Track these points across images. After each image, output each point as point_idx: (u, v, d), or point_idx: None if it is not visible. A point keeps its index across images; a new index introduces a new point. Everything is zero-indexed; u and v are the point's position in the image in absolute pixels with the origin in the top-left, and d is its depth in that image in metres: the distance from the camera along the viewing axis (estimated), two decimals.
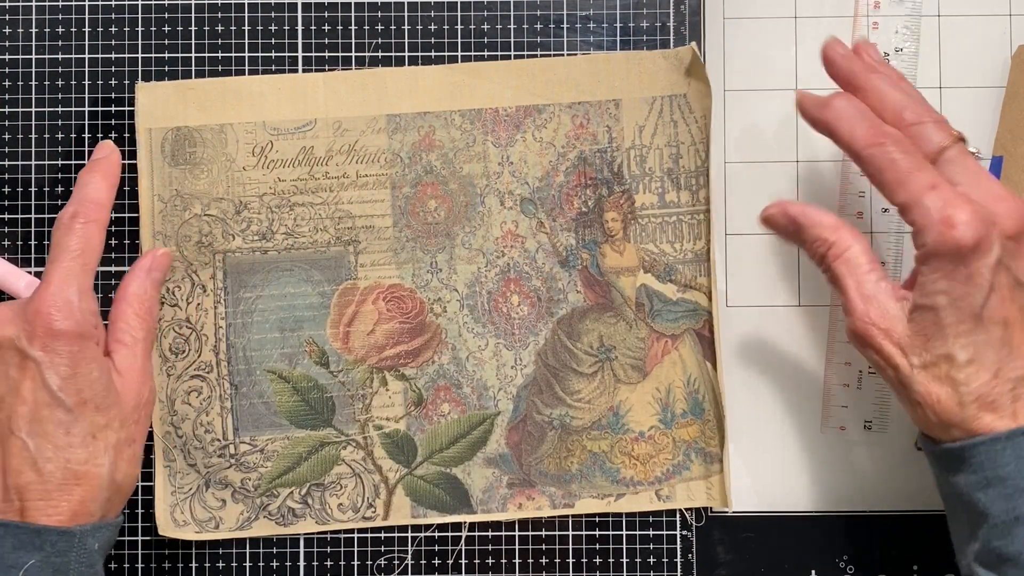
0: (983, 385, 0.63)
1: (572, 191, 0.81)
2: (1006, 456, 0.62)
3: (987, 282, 0.62)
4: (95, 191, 0.71)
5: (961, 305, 0.63)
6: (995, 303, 0.63)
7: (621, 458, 0.81)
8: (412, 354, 0.81)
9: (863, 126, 0.68)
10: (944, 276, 0.63)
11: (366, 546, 0.82)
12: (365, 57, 0.82)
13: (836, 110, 0.69)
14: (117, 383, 0.69)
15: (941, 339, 0.63)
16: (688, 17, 0.82)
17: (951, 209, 0.63)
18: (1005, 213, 0.64)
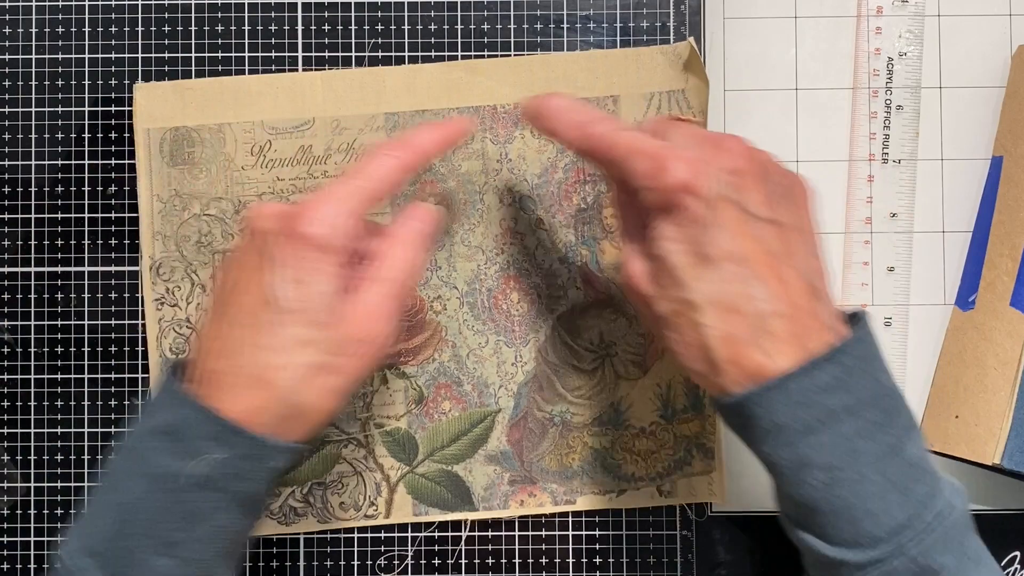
0: (727, 324, 0.60)
1: (571, 187, 0.81)
2: (776, 404, 0.60)
3: (708, 218, 0.60)
4: (419, 135, 0.69)
5: (687, 247, 0.61)
6: (722, 240, 0.60)
7: (622, 454, 0.81)
8: (412, 352, 0.81)
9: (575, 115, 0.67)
10: (668, 222, 0.61)
11: (366, 545, 0.81)
12: (365, 57, 0.82)
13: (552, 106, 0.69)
14: (347, 311, 0.64)
15: (677, 285, 0.61)
16: (688, 17, 0.82)
17: (660, 157, 0.61)
18: (724, 151, 0.62)
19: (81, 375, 0.81)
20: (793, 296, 0.61)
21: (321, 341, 0.63)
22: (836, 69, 0.82)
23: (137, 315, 0.81)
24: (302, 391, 0.63)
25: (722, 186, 0.61)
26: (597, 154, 0.65)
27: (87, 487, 0.81)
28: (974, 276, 0.80)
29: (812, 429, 0.59)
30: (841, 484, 0.60)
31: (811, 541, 0.62)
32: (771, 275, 0.60)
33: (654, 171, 0.61)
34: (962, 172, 0.82)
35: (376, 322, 0.65)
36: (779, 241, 0.62)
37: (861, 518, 0.60)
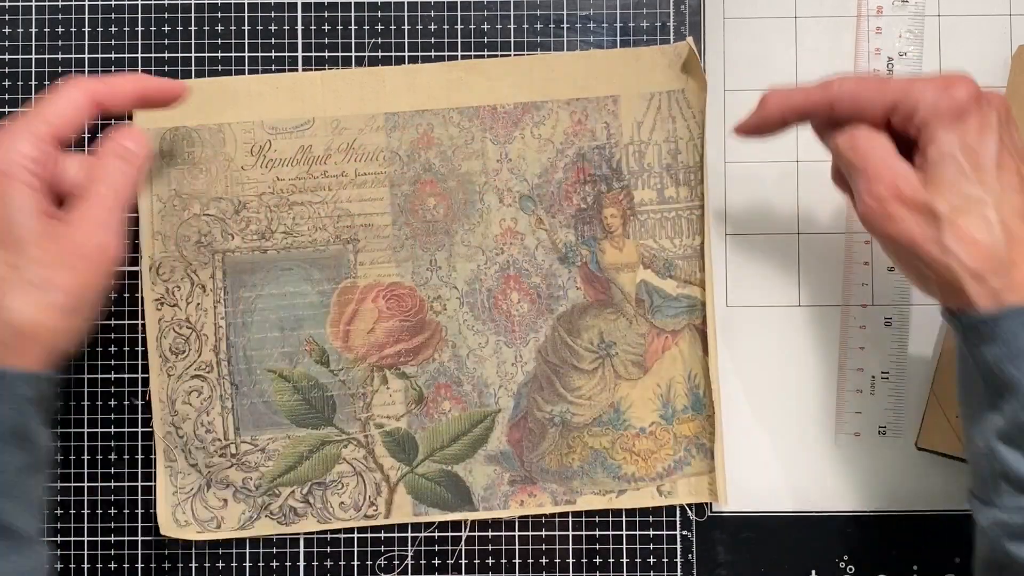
0: (1017, 228, 0.63)
1: (571, 188, 0.81)
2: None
3: (996, 132, 0.64)
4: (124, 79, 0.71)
5: (979, 151, 0.64)
6: (1007, 154, 0.64)
7: (622, 454, 0.81)
8: (412, 352, 0.81)
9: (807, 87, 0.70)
10: (957, 130, 0.64)
11: (366, 546, 0.81)
12: (365, 57, 0.82)
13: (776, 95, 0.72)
14: (56, 229, 0.65)
15: (967, 182, 0.63)
16: (688, 17, 0.82)
17: (945, 78, 0.65)
18: (991, 94, 0.66)
19: (81, 375, 0.81)
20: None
21: (24, 262, 0.64)
22: (836, 69, 0.82)
23: (137, 315, 0.81)
24: (15, 312, 0.63)
25: (998, 117, 0.65)
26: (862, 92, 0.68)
27: (87, 487, 0.81)
28: None
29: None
30: None
31: None
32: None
33: (944, 86, 0.65)
34: None
35: (89, 234, 0.66)
36: None
37: None
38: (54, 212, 0.66)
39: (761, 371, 0.82)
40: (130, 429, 0.81)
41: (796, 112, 0.71)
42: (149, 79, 0.72)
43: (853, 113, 0.68)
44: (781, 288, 0.82)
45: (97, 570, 0.81)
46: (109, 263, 0.67)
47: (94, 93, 0.69)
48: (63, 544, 0.81)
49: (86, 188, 0.67)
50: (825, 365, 0.82)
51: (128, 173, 0.69)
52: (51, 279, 0.64)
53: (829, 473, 0.82)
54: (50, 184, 0.67)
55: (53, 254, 0.64)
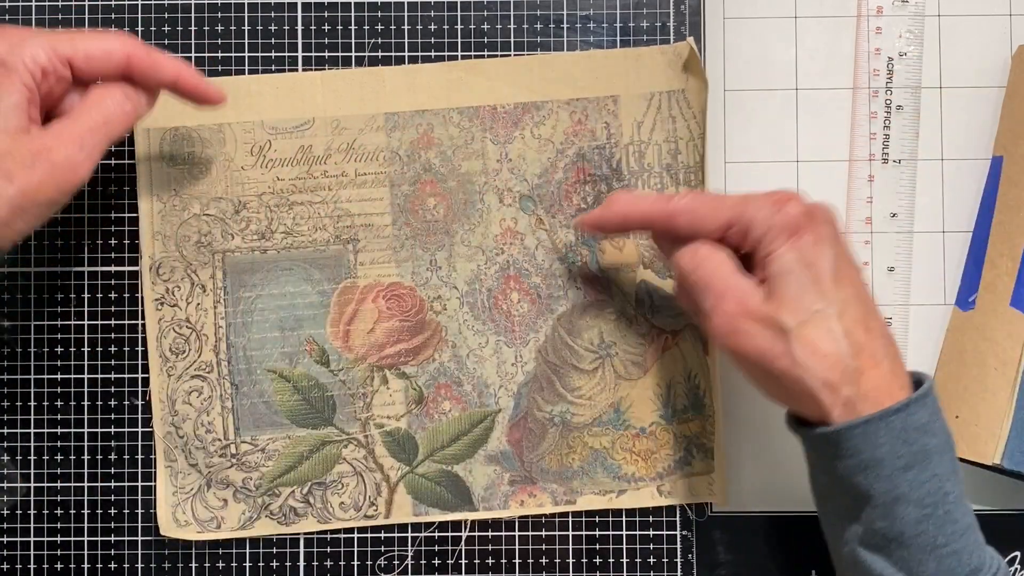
0: (860, 337, 0.64)
1: (571, 188, 0.81)
2: (880, 437, 0.63)
3: (830, 244, 0.66)
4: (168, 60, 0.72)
5: (816, 265, 0.65)
6: (845, 266, 0.66)
7: (622, 454, 0.81)
8: (412, 352, 0.81)
9: (652, 197, 0.73)
10: (792, 246, 0.66)
11: (366, 546, 0.81)
12: (365, 57, 0.82)
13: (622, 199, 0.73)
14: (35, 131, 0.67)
15: (809, 296, 0.65)
16: (688, 17, 0.82)
17: (775, 195, 0.67)
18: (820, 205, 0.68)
19: (81, 375, 0.81)
20: (893, 336, 0.67)
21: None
22: (836, 69, 0.82)
23: (137, 315, 0.81)
24: None
25: (832, 228, 0.67)
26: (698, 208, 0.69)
27: (87, 487, 0.81)
28: (974, 276, 0.80)
29: (910, 466, 0.63)
30: (932, 521, 0.63)
31: (888, 572, 0.65)
32: (877, 311, 0.67)
33: (776, 204, 0.67)
34: (962, 172, 0.82)
35: (61, 144, 0.67)
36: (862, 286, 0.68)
37: (947, 556, 0.63)
38: (38, 120, 0.69)
39: None
40: (130, 429, 0.81)
41: (638, 220, 0.72)
42: (190, 70, 0.73)
43: (691, 228, 0.70)
44: None
45: (97, 570, 0.81)
46: (73, 178, 0.68)
47: (132, 53, 0.70)
48: (63, 544, 0.81)
49: (80, 107, 0.69)
50: None
51: (127, 110, 0.70)
52: (10, 171, 0.65)
53: None
54: (48, 100, 0.69)
55: (21, 150, 0.66)
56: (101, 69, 0.69)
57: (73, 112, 0.69)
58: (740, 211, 0.67)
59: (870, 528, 0.65)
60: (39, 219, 0.68)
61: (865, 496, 0.64)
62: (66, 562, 0.81)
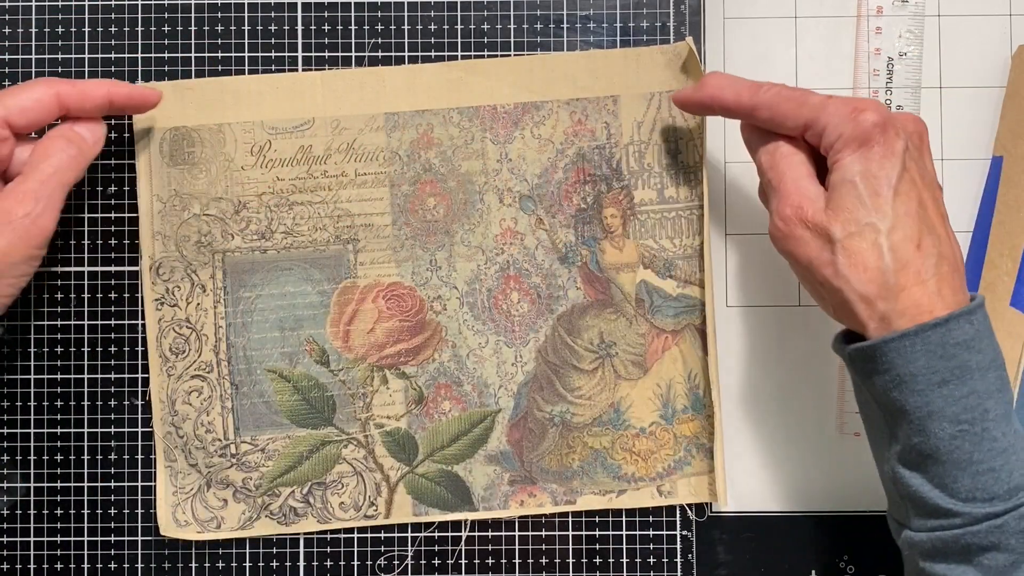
0: (908, 254, 0.64)
1: (571, 188, 0.81)
2: (915, 352, 0.63)
3: (899, 159, 0.65)
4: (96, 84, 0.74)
5: (879, 177, 0.65)
6: (908, 181, 0.65)
7: (622, 454, 0.81)
8: (412, 352, 0.81)
9: (743, 83, 0.72)
10: (860, 156, 0.66)
11: (366, 546, 0.81)
12: (365, 57, 0.82)
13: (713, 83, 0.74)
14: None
15: (862, 208, 0.65)
16: (688, 17, 0.82)
17: (857, 102, 0.67)
18: (905, 118, 0.68)
19: (81, 375, 0.81)
20: (957, 252, 0.67)
21: None
22: (836, 69, 0.82)
23: (137, 315, 0.81)
24: None
25: (907, 142, 0.66)
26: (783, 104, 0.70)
27: (87, 487, 0.81)
28: (974, 276, 0.80)
29: (947, 381, 0.63)
30: (967, 438, 0.63)
31: (926, 490, 0.65)
32: (943, 226, 0.67)
33: (853, 110, 0.66)
34: (962, 172, 0.82)
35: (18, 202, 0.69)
36: (942, 206, 0.68)
37: (983, 473, 0.63)
38: None
39: (761, 371, 0.82)
40: (130, 429, 0.81)
41: (723, 107, 0.73)
42: (120, 85, 0.75)
43: (771, 124, 0.71)
44: (781, 288, 0.82)
45: (97, 570, 0.81)
46: (39, 232, 0.70)
47: (60, 94, 0.72)
48: (63, 544, 0.81)
49: (29, 164, 0.71)
50: (825, 365, 0.82)
51: (72, 155, 0.72)
52: None
53: (829, 473, 0.82)
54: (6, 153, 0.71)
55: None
56: (38, 118, 0.72)
57: (24, 170, 0.71)
58: (818, 114, 0.67)
59: (907, 444, 0.65)
60: (22, 277, 0.71)
61: (901, 412, 0.64)
62: (66, 562, 0.81)
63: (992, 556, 0.63)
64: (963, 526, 0.63)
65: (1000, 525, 0.62)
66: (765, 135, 0.72)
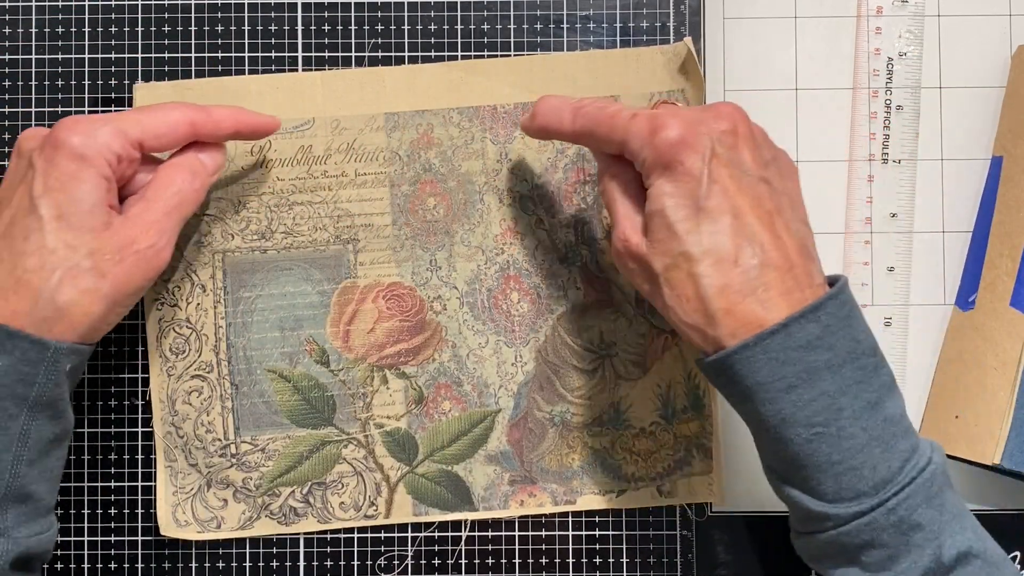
0: (724, 275, 0.63)
1: (571, 188, 0.81)
2: (758, 362, 0.62)
3: (703, 174, 0.63)
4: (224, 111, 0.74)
5: (684, 202, 0.63)
6: (717, 195, 0.63)
7: (622, 454, 0.81)
8: (412, 352, 0.81)
9: (567, 107, 0.71)
10: (665, 179, 0.64)
11: (366, 546, 0.81)
12: (365, 57, 0.82)
13: (542, 108, 0.73)
14: (114, 221, 0.68)
15: (674, 239, 0.63)
16: (688, 17, 0.82)
17: (655, 120, 0.65)
18: (714, 114, 0.66)
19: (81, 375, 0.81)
20: (787, 251, 0.63)
21: (81, 245, 0.66)
22: (836, 69, 0.82)
23: (137, 315, 0.81)
24: (62, 292, 0.66)
25: (716, 144, 0.64)
26: (596, 129, 0.68)
27: (87, 487, 0.81)
28: (974, 276, 0.80)
29: (793, 386, 0.62)
30: (824, 440, 0.62)
31: (796, 495, 0.65)
32: (766, 229, 0.63)
33: (652, 130, 0.64)
34: (962, 172, 0.82)
35: (145, 234, 0.69)
36: (771, 199, 0.65)
37: (844, 473, 0.62)
38: (118, 206, 0.70)
39: None
40: (130, 429, 0.81)
41: (555, 134, 0.73)
42: (246, 113, 0.75)
43: (596, 148, 0.70)
44: None
45: (97, 570, 0.81)
46: (158, 264, 0.70)
47: (194, 120, 0.72)
48: (63, 544, 0.81)
49: (152, 191, 0.70)
50: None
51: (196, 187, 0.72)
52: (101, 268, 0.67)
53: None
54: (122, 183, 0.71)
55: (109, 244, 0.67)
56: (170, 144, 0.72)
57: (147, 195, 0.70)
58: (624, 137, 0.66)
59: (770, 452, 0.66)
60: (129, 308, 0.71)
61: (758, 422, 0.64)
62: (66, 562, 0.81)
63: (869, 553, 0.63)
64: (835, 527, 0.63)
65: (869, 522, 0.62)
66: (602, 155, 0.71)
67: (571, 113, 0.70)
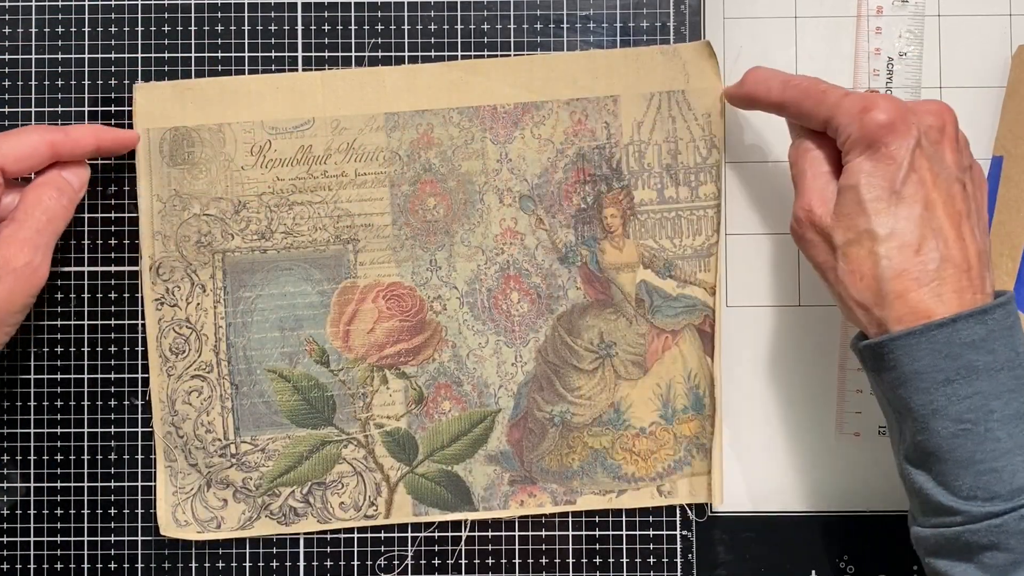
0: (905, 260, 0.64)
1: (571, 188, 0.81)
2: (920, 351, 0.63)
3: (905, 161, 0.65)
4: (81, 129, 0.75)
5: (881, 183, 0.65)
6: (914, 183, 0.65)
7: (622, 454, 0.81)
8: (412, 352, 0.81)
9: (776, 79, 0.74)
10: (866, 158, 0.66)
11: (366, 546, 0.81)
12: (365, 57, 0.82)
13: (751, 79, 0.76)
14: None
15: (863, 215, 0.65)
16: (688, 17, 0.82)
17: (868, 100, 0.66)
18: (925, 109, 0.67)
19: (81, 375, 0.81)
20: (968, 252, 0.65)
21: None
22: (836, 69, 0.82)
23: (137, 315, 0.81)
24: None
25: (922, 135, 0.66)
26: (804, 101, 0.71)
27: (87, 487, 0.81)
28: None
29: (951, 380, 0.63)
30: (970, 436, 0.63)
31: (929, 487, 0.65)
32: (953, 227, 0.65)
33: (863, 110, 0.66)
34: None
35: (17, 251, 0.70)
36: (963, 201, 0.66)
37: (984, 473, 0.63)
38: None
39: (761, 371, 0.82)
40: (130, 429, 0.81)
41: (759, 103, 0.75)
42: (105, 131, 0.77)
43: (799, 121, 0.72)
44: (781, 288, 0.82)
45: (97, 570, 0.81)
46: (37, 280, 0.72)
47: (54, 143, 0.73)
48: (63, 544, 0.81)
49: (21, 211, 0.72)
50: (825, 365, 0.82)
51: (64, 204, 0.74)
52: None
53: (829, 473, 0.82)
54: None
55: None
56: (31, 166, 0.73)
57: (17, 216, 0.72)
58: (833, 113, 0.68)
59: (912, 441, 0.66)
60: (16, 325, 0.73)
61: (907, 409, 0.65)
62: (66, 562, 0.81)
63: (992, 555, 0.63)
64: (963, 524, 0.64)
65: (1000, 525, 0.62)
66: (798, 129, 0.73)
67: (780, 84, 0.72)
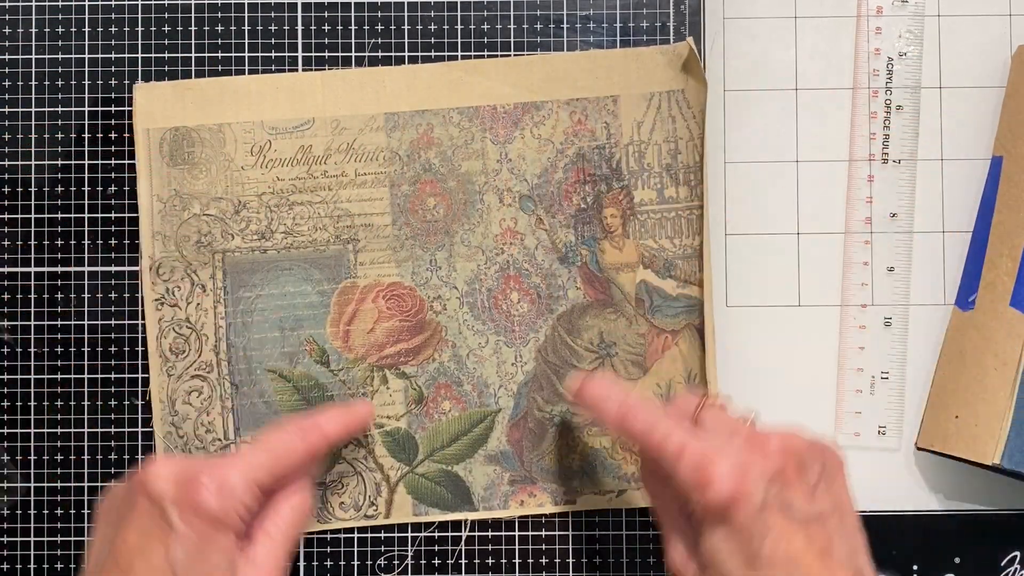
0: None
1: (571, 188, 0.81)
2: None
3: (757, 528, 0.61)
4: (327, 420, 0.72)
5: (737, 555, 0.62)
6: (771, 544, 0.61)
7: (623, 454, 0.81)
8: (412, 352, 0.81)
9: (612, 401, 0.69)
10: (718, 532, 0.62)
11: (366, 546, 0.81)
12: (365, 57, 0.82)
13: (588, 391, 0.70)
14: (245, 569, 0.66)
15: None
16: (688, 17, 0.82)
17: (703, 471, 0.62)
18: (763, 454, 0.63)
19: (81, 375, 0.81)
20: None
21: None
22: (836, 69, 0.82)
23: (137, 315, 0.81)
24: None
25: (767, 492, 0.61)
26: (646, 447, 0.66)
27: (87, 487, 0.81)
28: (974, 276, 0.80)
29: None
30: None
31: None
32: (823, 569, 0.61)
33: (701, 484, 0.62)
34: (962, 172, 0.82)
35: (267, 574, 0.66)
36: (823, 535, 0.62)
37: None
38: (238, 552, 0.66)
39: (761, 372, 0.82)
40: (130, 429, 0.81)
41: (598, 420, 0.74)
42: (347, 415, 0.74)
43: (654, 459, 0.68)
44: (781, 288, 0.82)
45: None
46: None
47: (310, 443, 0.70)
48: (63, 544, 0.81)
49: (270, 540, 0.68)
50: (825, 365, 0.82)
51: (300, 528, 0.69)
52: None
53: None
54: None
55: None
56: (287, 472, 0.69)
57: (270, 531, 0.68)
58: (673, 472, 0.64)
59: None
60: None
61: None
62: (66, 562, 0.81)
63: None
64: None
65: None
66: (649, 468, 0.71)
67: (617, 411, 0.68)
